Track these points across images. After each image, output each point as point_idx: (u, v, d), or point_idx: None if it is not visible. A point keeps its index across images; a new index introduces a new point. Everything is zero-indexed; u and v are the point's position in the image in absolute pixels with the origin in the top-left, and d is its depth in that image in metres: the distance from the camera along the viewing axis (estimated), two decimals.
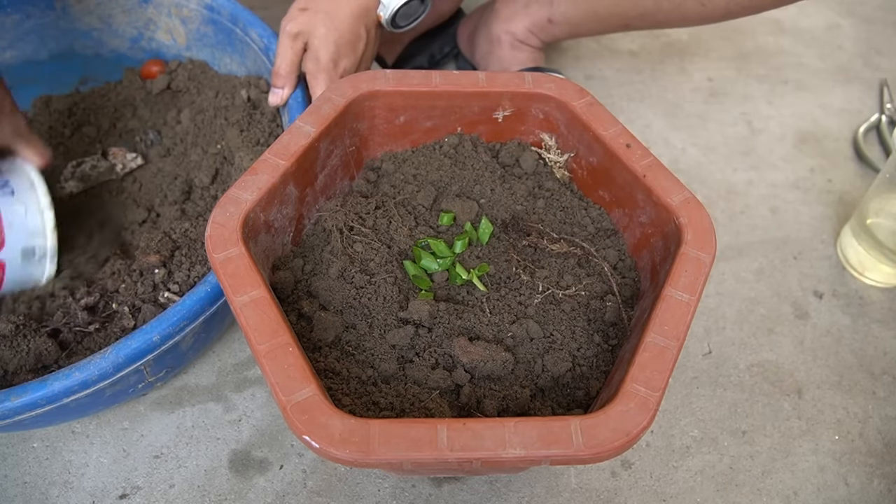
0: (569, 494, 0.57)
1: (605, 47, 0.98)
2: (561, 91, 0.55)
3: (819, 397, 0.64)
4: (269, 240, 0.49)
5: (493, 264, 0.52)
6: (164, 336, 0.50)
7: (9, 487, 0.56)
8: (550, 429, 0.38)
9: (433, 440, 0.37)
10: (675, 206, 0.49)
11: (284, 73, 0.61)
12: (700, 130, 0.88)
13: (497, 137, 0.59)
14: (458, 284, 0.50)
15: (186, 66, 0.76)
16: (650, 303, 0.46)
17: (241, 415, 0.60)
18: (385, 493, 0.56)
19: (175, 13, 0.74)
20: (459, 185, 0.56)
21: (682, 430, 0.61)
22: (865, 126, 0.88)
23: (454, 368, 0.46)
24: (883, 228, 0.69)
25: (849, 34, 1.03)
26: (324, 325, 0.46)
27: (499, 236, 0.53)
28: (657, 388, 0.40)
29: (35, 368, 0.53)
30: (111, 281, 0.58)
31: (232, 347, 0.64)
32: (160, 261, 0.57)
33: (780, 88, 0.94)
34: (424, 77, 0.55)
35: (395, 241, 0.51)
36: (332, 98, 0.53)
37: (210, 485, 0.56)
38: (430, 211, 0.55)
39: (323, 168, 0.54)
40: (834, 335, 0.68)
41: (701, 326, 0.68)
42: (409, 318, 0.47)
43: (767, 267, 0.74)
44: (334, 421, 0.37)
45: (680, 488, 0.58)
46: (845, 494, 0.58)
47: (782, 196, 0.81)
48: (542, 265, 0.52)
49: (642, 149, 0.52)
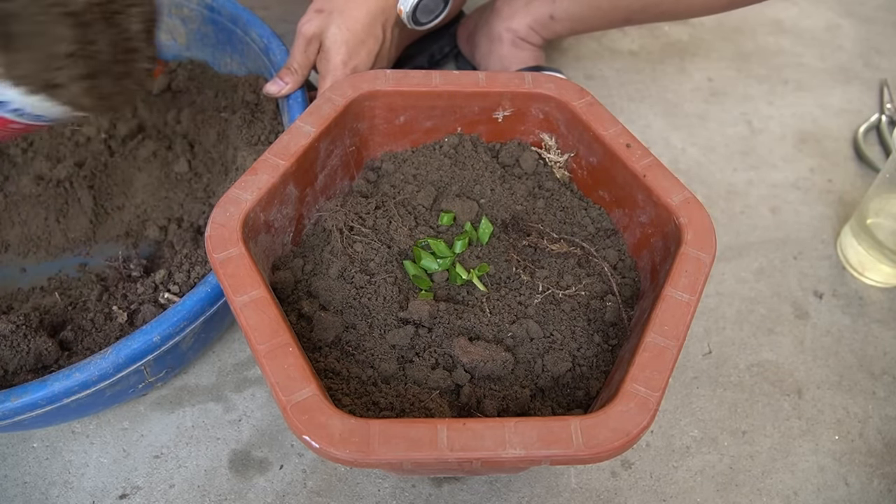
0: (569, 494, 0.57)
1: (606, 47, 0.98)
2: (561, 91, 0.55)
3: (819, 397, 0.64)
4: (269, 240, 0.49)
5: (493, 264, 0.52)
6: (165, 336, 0.50)
7: (9, 487, 0.56)
8: (550, 429, 0.38)
9: (433, 440, 0.37)
10: (675, 206, 0.49)
11: (294, 70, 0.61)
12: (700, 130, 0.88)
13: (497, 137, 0.59)
14: (458, 284, 0.50)
15: (186, 65, 0.76)
16: (650, 303, 0.46)
17: (241, 415, 0.60)
18: (385, 493, 0.56)
19: (175, 13, 0.74)
20: (459, 185, 0.56)
21: (682, 430, 0.61)
22: (865, 126, 0.88)
23: (454, 368, 0.46)
24: (883, 228, 0.69)
25: (849, 34, 1.03)
26: (324, 325, 0.46)
27: (499, 236, 0.53)
28: (657, 388, 0.40)
29: (35, 368, 0.53)
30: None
31: (232, 347, 0.64)
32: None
33: (780, 88, 0.94)
34: (424, 77, 0.55)
35: (395, 241, 0.51)
36: (332, 98, 0.53)
37: (210, 485, 0.56)
38: (430, 211, 0.55)
39: (323, 168, 0.54)
40: (834, 335, 0.68)
41: (701, 326, 0.68)
42: (409, 318, 0.47)
43: (767, 267, 0.74)
44: (334, 421, 0.38)
45: (680, 488, 0.58)
46: (845, 494, 0.58)
47: (782, 196, 0.81)
48: (542, 265, 0.52)
49: (642, 149, 0.52)
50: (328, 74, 0.61)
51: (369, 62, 0.63)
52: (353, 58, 0.61)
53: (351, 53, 0.61)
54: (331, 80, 0.61)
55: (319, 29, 0.60)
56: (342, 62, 0.61)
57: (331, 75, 0.61)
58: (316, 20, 0.60)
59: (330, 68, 0.61)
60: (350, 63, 0.61)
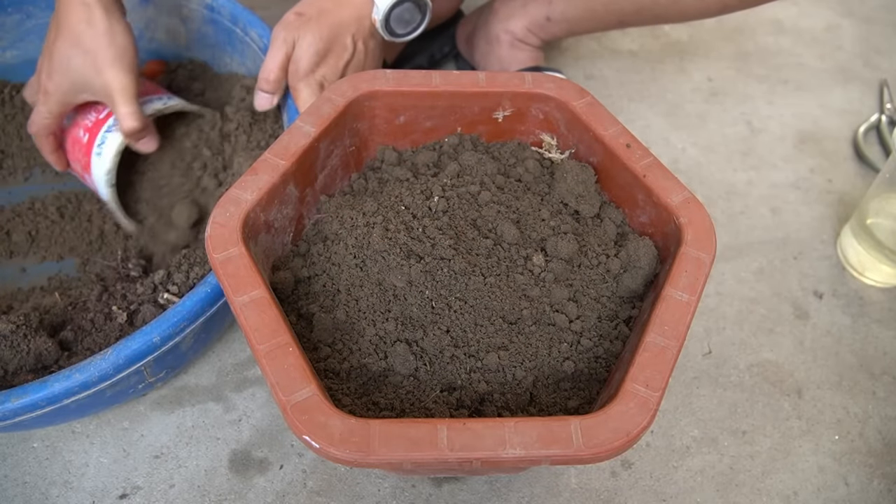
0: (569, 494, 0.57)
1: (605, 47, 0.98)
2: (561, 91, 0.55)
3: (819, 397, 0.64)
4: (269, 240, 0.49)
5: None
6: (165, 337, 0.50)
7: (9, 487, 0.56)
8: (550, 429, 0.38)
9: (433, 440, 0.37)
10: (675, 206, 0.49)
11: (273, 78, 0.61)
12: (700, 130, 0.88)
13: (497, 137, 0.59)
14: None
15: (186, 65, 0.76)
16: (650, 303, 0.46)
17: (241, 415, 0.60)
18: (385, 493, 0.56)
19: (175, 13, 0.74)
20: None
21: (682, 430, 0.61)
22: (865, 126, 0.88)
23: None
24: (883, 228, 0.69)
25: (849, 34, 1.03)
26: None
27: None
28: (657, 388, 0.40)
29: (35, 369, 0.53)
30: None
31: (232, 347, 0.64)
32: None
33: (780, 88, 0.94)
34: (424, 77, 0.55)
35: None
36: (332, 98, 0.53)
37: (210, 485, 0.56)
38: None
39: (323, 168, 0.54)
40: (834, 335, 0.68)
41: (701, 326, 0.68)
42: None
43: (767, 267, 0.74)
44: (334, 421, 0.37)
45: (680, 488, 0.58)
46: (845, 494, 0.58)
47: (782, 196, 0.81)
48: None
49: (642, 149, 0.52)
50: (297, 81, 0.61)
51: (337, 73, 0.62)
52: (321, 66, 0.61)
53: (320, 61, 0.61)
54: (300, 87, 0.61)
55: (294, 33, 0.60)
56: (310, 70, 0.61)
57: (300, 82, 0.61)
58: (293, 24, 0.60)
59: (299, 76, 0.61)
60: (318, 72, 0.61)
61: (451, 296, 0.46)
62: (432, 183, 0.51)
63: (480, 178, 0.53)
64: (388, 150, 0.57)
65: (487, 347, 0.46)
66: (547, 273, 0.48)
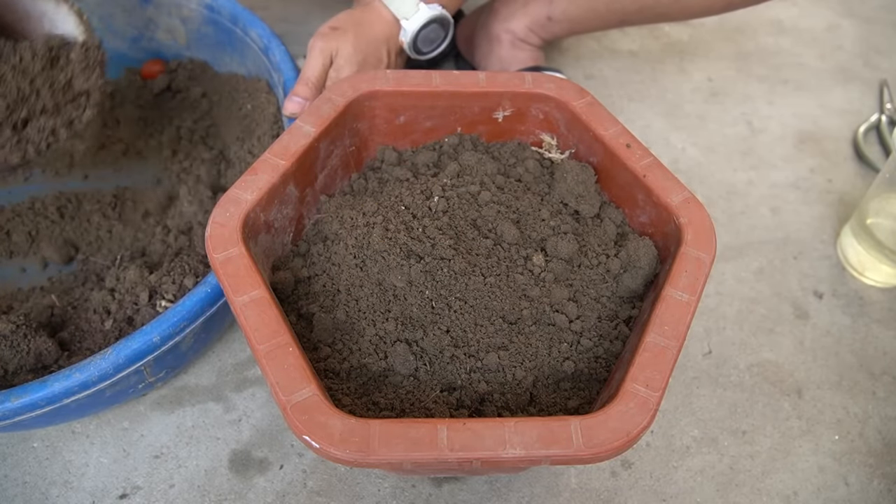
0: (569, 494, 0.57)
1: (606, 47, 0.98)
2: (561, 91, 0.55)
3: (819, 397, 0.64)
4: (269, 240, 0.49)
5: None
6: (165, 337, 0.50)
7: (9, 487, 0.56)
8: (550, 429, 0.38)
9: (433, 440, 0.37)
10: (675, 206, 0.49)
11: (312, 83, 0.62)
12: (700, 130, 0.88)
13: (497, 137, 0.59)
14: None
15: (186, 65, 0.76)
16: (650, 303, 0.46)
17: (241, 415, 0.60)
18: (385, 493, 0.56)
19: (175, 13, 0.74)
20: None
21: (682, 430, 0.61)
22: (865, 126, 0.88)
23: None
24: (883, 228, 0.69)
25: (849, 34, 1.03)
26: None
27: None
28: (657, 388, 0.40)
29: (35, 368, 0.54)
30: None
31: (232, 347, 0.64)
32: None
33: (780, 88, 0.94)
34: (424, 77, 0.55)
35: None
36: (332, 98, 0.53)
37: (210, 485, 0.56)
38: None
39: (323, 168, 0.54)
40: (834, 335, 0.68)
41: (701, 326, 0.68)
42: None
43: (767, 267, 0.74)
44: (334, 421, 0.38)
45: (680, 488, 0.58)
46: (845, 494, 0.58)
47: (782, 196, 0.81)
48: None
49: (642, 149, 0.52)
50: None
51: None
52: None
53: (359, 70, 0.63)
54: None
55: (333, 44, 0.62)
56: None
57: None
58: (330, 36, 0.62)
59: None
60: None
61: (451, 296, 0.46)
62: (432, 183, 0.51)
63: (480, 178, 0.53)
64: (388, 150, 0.57)
65: (487, 347, 0.46)
66: (547, 273, 0.48)
